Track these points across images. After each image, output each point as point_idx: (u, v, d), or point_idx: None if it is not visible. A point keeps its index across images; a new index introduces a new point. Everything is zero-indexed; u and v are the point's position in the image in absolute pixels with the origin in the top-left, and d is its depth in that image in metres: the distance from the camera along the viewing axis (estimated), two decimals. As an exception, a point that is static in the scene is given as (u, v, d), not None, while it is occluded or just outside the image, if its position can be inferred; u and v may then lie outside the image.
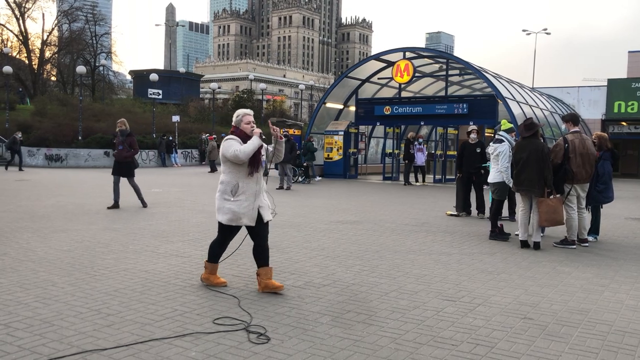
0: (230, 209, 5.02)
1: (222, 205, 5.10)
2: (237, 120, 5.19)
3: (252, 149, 4.95)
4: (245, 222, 5.05)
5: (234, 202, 5.01)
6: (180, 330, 4.07)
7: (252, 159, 5.00)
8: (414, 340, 4.01)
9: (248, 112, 5.22)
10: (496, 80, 20.27)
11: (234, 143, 4.99)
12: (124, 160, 11.24)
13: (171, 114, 34.41)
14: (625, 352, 3.86)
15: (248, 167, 5.02)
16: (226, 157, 5.01)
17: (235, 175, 5.04)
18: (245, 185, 5.04)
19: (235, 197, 5.01)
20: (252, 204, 5.04)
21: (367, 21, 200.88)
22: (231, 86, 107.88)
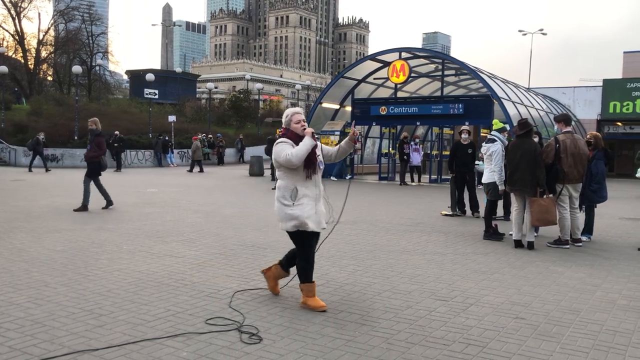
0: (293, 215, 4.62)
1: (282, 212, 4.70)
2: (287, 120, 4.78)
3: (306, 151, 4.53)
4: (311, 226, 4.64)
5: (295, 207, 4.62)
6: (172, 331, 4.07)
7: (307, 161, 4.60)
8: (406, 340, 4.02)
9: (298, 111, 4.83)
10: (491, 80, 20.30)
11: (285, 147, 4.60)
12: (90, 160, 11.02)
13: (167, 114, 34.36)
14: (615, 352, 3.87)
15: (304, 170, 4.63)
16: (279, 162, 4.63)
17: (292, 179, 4.67)
18: (305, 188, 4.66)
19: (296, 201, 4.64)
20: (314, 207, 4.68)
21: (364, 21, 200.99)
22: (228, 86, 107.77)
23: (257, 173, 22.82)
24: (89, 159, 11.08)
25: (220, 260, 6.52)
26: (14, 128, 29.35)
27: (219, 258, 6.62)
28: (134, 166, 28.14)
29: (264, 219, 9.97)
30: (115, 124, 29.56)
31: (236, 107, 47.24)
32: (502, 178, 8.20)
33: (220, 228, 8.87)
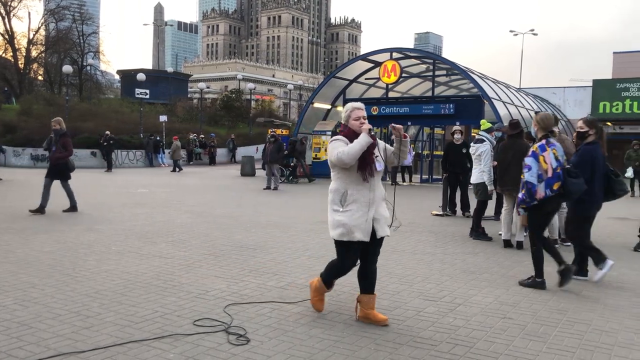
0: (340, 222, 4.23)
1: (332, 217, 4.34)
2: (345, 116, 4.39)
3: (359, 149, 4.12)
4: (358, 236, 4.19)
5: (343, 213, 4.23)
6: (160, 332, 4.06)
7: (361, 162, 4.18)
8: (394, 341, 4.02)
9: (358, 106, 4.36)
10: (482, 80, 20.39)
11: (338, 144, 4.22)
12: (56, 162, 10.59)
13: (159, 114, 34.25)
14: (601, 351, 3.90)
15: (358, 172, 4.21)
16: (331, 161, 4.26)
17: (344, 182, 4.27)
18: (357, 192, 4.23)
19: (345, 206, 4.25)
20: (365, 214, 4.22)
21: (356, 21, 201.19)
22: (220, 86, 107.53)
23: (249, 173, 22.79)
24: (54, 160, 10.59)
25: (209, 261, 6.50)
26: (3, 128, 29.12)
27: (208, 259, 6.60)
28: (125, 166, 28.02)
29: (254, 220, 9.96)
30: (106, 123, 29.45)
31: (228, 107, 47.16)
32: (491, 178, 8.23)
33: (210, 229, 8.85)
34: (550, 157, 5.47)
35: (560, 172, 5.49)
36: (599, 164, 5.81)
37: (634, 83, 28.20)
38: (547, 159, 5.46)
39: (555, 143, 5.59)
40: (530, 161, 5.50)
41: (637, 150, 17.26)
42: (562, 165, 5.54)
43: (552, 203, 5.58)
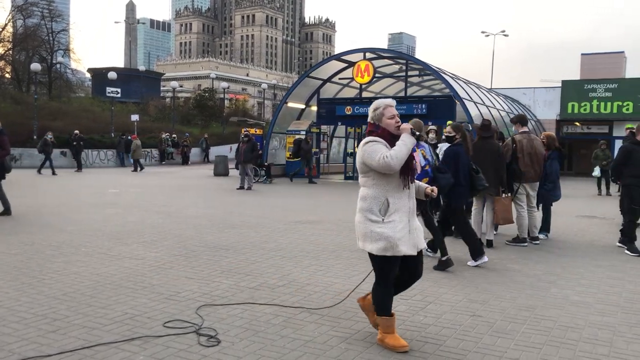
0: (383, 234, 3.76)
1: (368, 229, 3.83)
2: (377, 114, 3.91)
3: (407, 152, 3.73)
4: (404, 250, 3.77)
5: (385, 225, 3.76)
6: (129, 334, 4.01)
7: (403, 167, 3.77)
8: (364, 340, 4.05)
9: (390, 103, 3.93)
10: (454, 81, 20.61)
11: (379, 147, 3.76)
12: None
13: (130, 113, 33.78)
14: (566, 347, 3.98)
15: (400, 178, 3.81)
16: (372, 166, 3.77)
17: (383, 189, 3.81)
18: (399, 201, 3.81)
19: (387, 216, 3.80)
20: (407, 225, 3.82)
21: (330, 21, 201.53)
22: (193, 85, 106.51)
23: (222, 173, 22.64)
24: None
25: (180, 261, 6.45)
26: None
27: (180, 260, 6.54)
28: (96, 166, 27.58)
29: (227, 220, 9.90)
30: (77, 122, 28.91)
31: (201, 106, 46.78)
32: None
33: (182, 229, 8.78)
34: (419, 157, 6.36)
35: (429, 170, 6.42)
36: (463, 162, 6.67)
37: (601, 84, 28.83)
38: (416, 159, 6.19)
39: (424, 145, 6.62)
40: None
41: (604, 150, 17.64)
42: (430, 164, 6.48)
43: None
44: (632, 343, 4.08)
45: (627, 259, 7.16)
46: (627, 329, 4.40)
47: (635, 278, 6.13)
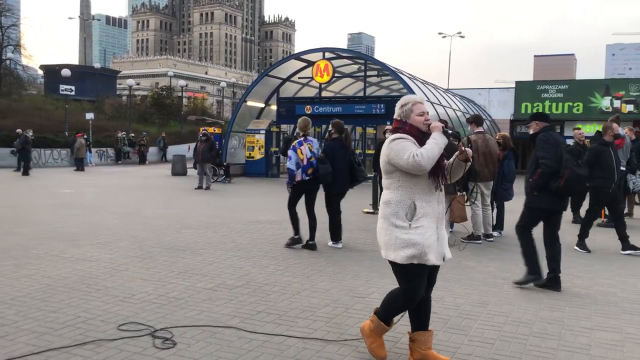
0: (410, 241, 3.41)
1: (393, 235, 3.48)
2: (405, 110, 3.60)
3: (439, 151, 3.41)
4: (432, 259, 3.45)
5: (413, 231, 3.43)
6: (82, 338, 3.92)
7: (434, 167, 3.43)
8: (322, 338, 4.07)
9: (419, 100, 3.66)
10: (411, 81, 20.90)
11: (408, 144, 3.44)
12: None
13: (85, 111, 32.96)
14: (518, 342, 4.10)
15: (430, 179, 3.47)
16: (399, 165, 3.44)
17: (410, 191, 3.47)
18: (427, 205, 3.46)
19: (413, 222, 3.46)
20: (435, 232, 3.48)
21: (290, 20, 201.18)
22: (150, 83, 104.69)
23: (180, 172, 22.33)
24: None
25: (136, 263, 6.34)
26: None
27: (135, 261, 6.43)
28: (49, 166, 26.78)
29: (184, 220, 9.78)
30: (29, 121, 28.06)
31: (158, 105, 46.06)
32: None
33: (139, 230, 8.62)
34: (305, 150, 7.29)
35: (314, 161, 7.34)
36: (339, 155, 7.50)
37: (553, 85, 29.74)
38: (303, 151, 7.29)
39: (311, 139, 7.49)
40: (291, 153, 7.33)
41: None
42: (315, 156, 7.36)
43: (309, 184, 7.48)
44: (579, 336, 4.23)
45: (577, 255, 7.40)
46: (575, 322, 4.56)
47: (582, 273, 6.34)
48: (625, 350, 3.96)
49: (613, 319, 4.68)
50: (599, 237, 8.87)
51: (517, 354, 3.85)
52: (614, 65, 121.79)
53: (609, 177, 7.60)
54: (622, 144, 9.54)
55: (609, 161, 7.59)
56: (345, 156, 7.58)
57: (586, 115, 28.61)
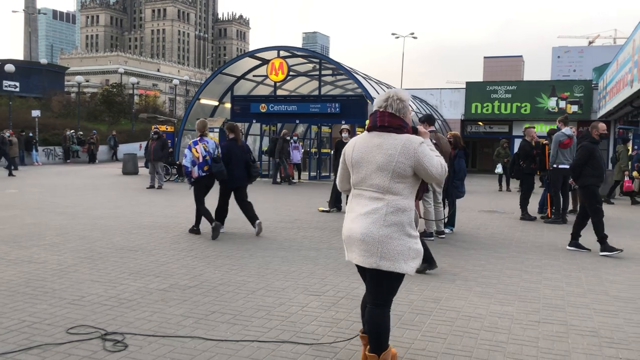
0: (419, 251, 3.29)
1: (407, 245, 3.21)
2: (405, 107, 3.32)
3: None
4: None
5: (418, 240, 3.31)
6: (27, 343, 3.78)
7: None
8: (277, 337, 4.05)
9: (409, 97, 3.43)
10: (365, 81, 21.06)
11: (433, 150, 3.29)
12: None
13: (31, 109, 31.81)
14: (469, 336, 4.19)
15: (420, 188, 3.40)
16: (429, 170, 3.20)
17: (413, 199, 3.32)
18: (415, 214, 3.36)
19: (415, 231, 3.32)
20: None
21: (244, 18, 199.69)
22: (100, 80, 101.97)
23: (131, 171, 21.85)
24: None
25: (85, 264, 6.16)
26: None
27: (85, 262, 6.25)
28: (-8, 165, 25.69)
29: (136, 220, 9.57)
30: (-31, 118, 26.87)
31: (109, 102, 44.89)
32: None
33: (88, 230, 8.38)
34: (200, 149, 8.04)
35: (209, 160, 8.04)
36: (235, 154, 8.32)
37: (502, 86, 30.53)
38: (198, 150, 8.03)
39: (207, 140, 8.17)
40: (187, 152, 8.14)
41: (505, 148, 18.70)
42: (210, 155, 8.06)
43: (205, 179, 8.18)
44: (528, 329, 4.36)
45: (524, 250, 7.63)
46: (524, 316, 4.69)
47: (531, 269, 6.54)
48: (570, 342, 4.10)
49: (559, 311, 4.84)
50: (546, 233, 9.17)
51: (469, 348, 3.94)
52: (560, 67, 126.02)
53: (601, 174, 7.58)
54: (570, 143, 9.90)
55: (599, 159, 7.61)
56: (241, 155, 8.42)
57: (533, 116, 29.51)
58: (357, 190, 3.33)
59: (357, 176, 3.30)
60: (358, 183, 3.32)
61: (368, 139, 3.30)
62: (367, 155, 3.25)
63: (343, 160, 3.45)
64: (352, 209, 3.34)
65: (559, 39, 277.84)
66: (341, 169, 3.49)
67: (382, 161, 3.19)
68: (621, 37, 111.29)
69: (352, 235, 3.30)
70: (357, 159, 3.30)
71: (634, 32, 16.56)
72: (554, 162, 10.07)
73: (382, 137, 3.25)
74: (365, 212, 3.23)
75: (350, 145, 3.40)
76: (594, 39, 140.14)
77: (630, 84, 16.58)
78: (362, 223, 3.23)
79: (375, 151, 3.22)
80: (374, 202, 3.22)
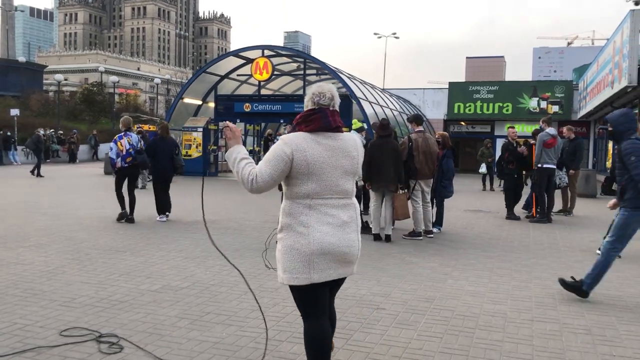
0: None
1: None
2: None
3: None
4: None
5: None
6: (20, 346, 3.71)
7: None
8: (274, 338, 4.03)
9: None
10: (350, 81, 21.10)
11: None
12: None
13: (9, 107, 31.28)
14: (465, 335, 4.21)
15: None
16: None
17: None
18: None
19: None
20: None
21: (225, 17, 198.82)
22: (79, 78, 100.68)
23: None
24: None
25: (73, 266, 6.07)
26: None
27: (73, 264, 6.16)
28: (-31, 164, 25.25)
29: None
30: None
31: (89, 101, 44.38)
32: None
33: (73, 231, 8.27)
34: (125, 142, 9.15)
35: (132, 152, 9.15)
36: (160, 148, 9.58)
37: (484, 86, 30.82)
38: (123, 144, 9.14)
39: (131, 134, 9.31)
40: (112, 145, 9.24)
41: (489, 148, 18.87)
42: (134, 147, 9.19)
43: (128, 169, 9.30)
44: (522, 328, 4.40)
45: (511, 249, 7.70)
46: (517, 315, 4.74)
47: (520, 267, 6.61)
48: (564, 340, 4.15)
49: (551, 310, 4.89)
50: (531, 232, 9.28)
51: (465, 347, 3.96)
52: (540, 67, 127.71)
53: None
54: (554, 143, 10.02)
55: None
56: (166, 150, 9.59)
57: (515, 116, 29.82)
58: (316, 200, 2.97)
59: (320, 184, 2.95)
60: (318, 193, 2.96)
61: (322, 142, 2.98)
62: (331, 161, 2.97)
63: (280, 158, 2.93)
64: (325, 221, 2.97)
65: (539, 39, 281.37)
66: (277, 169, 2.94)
67: (347, 165, 3.02)
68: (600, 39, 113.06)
69: (337, 251, 3.00)
70: (318, 165, 2.93)
71: (615, 33, 16.83)
72: (539, 161, 10.19)
73: (337, 138, 3.04)
74: (342, 222, 3.01)
75: (298, 150, 2.93)
76: (573, 40, 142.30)
77: (611, 84, 16.85)
78: (344, 235, 3.02)
79: (340, 155, 3.00)
80: (346, 209, 3.04)
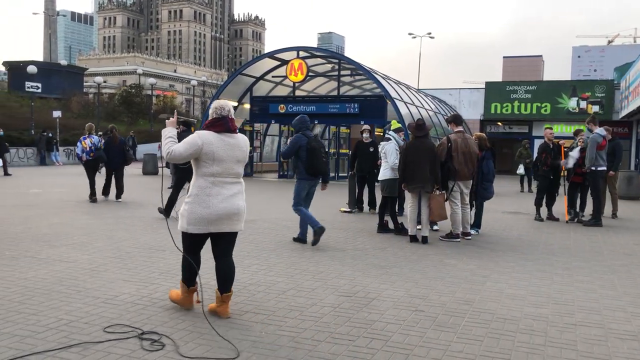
0: None
1: None
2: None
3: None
4: None
5: None
6: (66, 341, 3.81)
7: None
8: (312, 338, 4.04)
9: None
10: (385, 81, 20.99)
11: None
12: None
13: (52, 109, 32.19)
14: (506, 338, 4.14)
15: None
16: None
17: None
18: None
19: None
20: None
21: (259, 18, 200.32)
22: (118, 80, 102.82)
23: (151, 171, 22.01)
24: None
25: (115, 264, 6.20)
26: None
27: (114, 262, 6.29)
28: (15, 165, 26.05)
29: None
30: (-9, 118, 27.30)
31: (127, 103, 45.29)
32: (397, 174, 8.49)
33: (114, 230, 8.45)
34: (88, 142, 12.14)
35: (94, 149, 12.17)
36: (112, 146, 12.53)
37: (522, 86, 30.27)
38: (86, 143, 12.14)
39: (93, 136, 12.36)
40: (79, 144, 12.25)
41: (527, 148, 18.50)
42: (95, 145, 12.19)
43: (92, 162, 12.27)
44: (565, 332, 4.30)
45: (552, 252, 7.54)
46: (559, 318, 4.63)
47: (561, 271, 6.46)
48: (610, 345, 4.04)
49: (595, 314, 4.77)
50: (572, 235, 9.06)
51: (507, 351, 3.89)
52: (580, 67, 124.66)
53: None
54: (605, 144, 9.90)
55: None
56: (117, 147, 12.58)
57: (553, 116, 29.23)
58: (217, 178, 4.34)
59: (219, 168, 4.32)
60: (220, 173, 4.33)
61: (224, 139, 4.37)
62: (229, 152, 4.36)
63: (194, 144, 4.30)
64: (219, 193, 4.34)
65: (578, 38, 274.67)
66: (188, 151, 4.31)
67: (240, 156, 4.45)
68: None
69: (228, 212, 4.37)
70: (221, 155, 4.31)
71: (659, 31, 16.29)
72: (593, 164, 9.92)
73: (234, 137, 4.43)
74: (233, 193, 4.40)
75: (207, 142, 4.30)
76: (614, 38, 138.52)
77: (655, 83, 16.33)
78: (233, 201, 4.40)
79: (235, 149, 4.41)
80: (235, 185, 4.44)
